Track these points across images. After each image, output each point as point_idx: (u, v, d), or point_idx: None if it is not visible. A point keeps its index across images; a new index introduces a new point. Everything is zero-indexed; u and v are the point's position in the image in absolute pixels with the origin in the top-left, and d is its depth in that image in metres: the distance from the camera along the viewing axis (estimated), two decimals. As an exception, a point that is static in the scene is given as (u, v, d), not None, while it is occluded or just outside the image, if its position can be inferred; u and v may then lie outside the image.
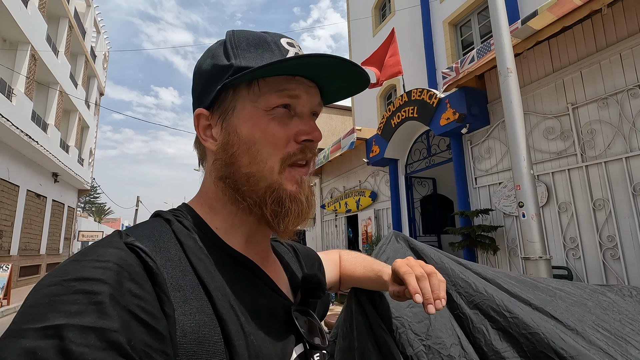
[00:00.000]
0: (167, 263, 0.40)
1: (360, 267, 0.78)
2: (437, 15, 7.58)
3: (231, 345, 0.39)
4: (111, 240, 0.39)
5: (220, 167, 0.50)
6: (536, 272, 2.75)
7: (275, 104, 0.48)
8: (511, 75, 2.99)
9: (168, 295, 0.37)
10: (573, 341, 0.61)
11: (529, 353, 0.62)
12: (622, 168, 3.31)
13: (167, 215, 0.48)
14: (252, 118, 0.48)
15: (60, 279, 0.32)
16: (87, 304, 0.31)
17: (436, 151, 5.94)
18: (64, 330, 0.29)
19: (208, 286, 0.41)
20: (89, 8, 17.34)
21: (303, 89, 0.50)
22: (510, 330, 0.67)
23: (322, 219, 10.14)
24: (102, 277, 0.33)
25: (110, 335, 0.30)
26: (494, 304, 0.72)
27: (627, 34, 3.33)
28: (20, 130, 9.49)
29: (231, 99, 0.49)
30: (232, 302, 0.43)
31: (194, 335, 0.37)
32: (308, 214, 0.50)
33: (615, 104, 3.39)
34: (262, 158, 0.47)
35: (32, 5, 10.63)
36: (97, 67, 18.99)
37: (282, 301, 0.52)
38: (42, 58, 11.45)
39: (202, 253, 0.45)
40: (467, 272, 0.83)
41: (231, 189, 0.49)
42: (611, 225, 3.37)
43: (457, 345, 0.70)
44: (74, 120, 15.84)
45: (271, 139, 0.47)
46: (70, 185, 16.53)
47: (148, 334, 0.33)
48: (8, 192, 10.33)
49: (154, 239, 0.43)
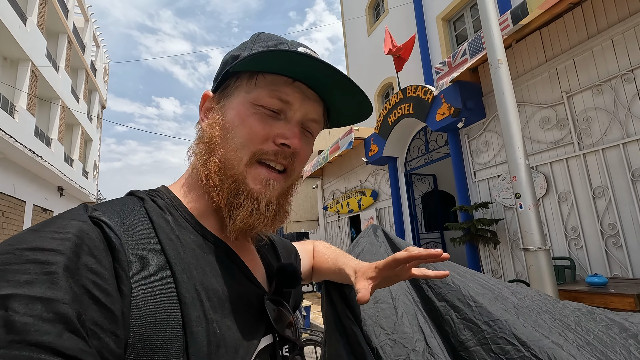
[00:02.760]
0: (134, 241, 0.39)
1: (328, 260, 0.78)
2: (430, 11, 7.57)
3: (189, 332, 0.37)
4: (75, 213, 0.37)
5: (198, 143, 0.51)
6: (536, 264, 2.71)
7: (263, 101, 0.48)
8: (502, 67, 2.97)
9: (127, 273, 0.36)
10: (531, 328, 0.60)
11: (490, 340, 0.62)
12: (620, 154, 3.27)
13: (141, 194, 0.47)
14: (238, 106, 0.49)
15: (14, 247, 0.31)
16: (39, 273, 0.29)
17: (434, 147, 5.91)
18: (9, 300, 0.27)
19: (174, 267, 0.40)
20: (88, 23, 17.58)
21: (298, 97, 0.49)
22: (474, 318, 0.66)
23: (325, 221, 10.12)
24: (59, 248, 0.31)
25: (59, 307, 0.28)
26: (460, 295, 0.72)
27: (617, 19, 3.30)
28: (24, 146, 9.62)
29: (232, 87, 0.51)
30: (198, 287, 0.41)
31: (150, 318, 0.36)
32: (264, 218, 0.48)
33: (610, 90, 3.35)
34: (234, 146, 0.47)
35: (31, 22, 10.80)
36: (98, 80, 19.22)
37: (256, 290, 0.51)
38: (43, 74, 11.61)
39: (174, 234, 0.44)
40: (437, 265, 0.83)
41: (207, 170, 0.48)
42: (612, 213, 3.32)
43: (421, 340, 0.70)
44: (77, 134, 16.03)
45: (247, 130, 0.48)
46: (76, 198, 16.71)
47: (100, 312, 0.31)
48: (15, 207, 10.47)
49: (123, 215, 0.41)
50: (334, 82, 0.49)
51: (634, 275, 3.13)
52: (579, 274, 3.53)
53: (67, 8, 14.20)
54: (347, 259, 0.73)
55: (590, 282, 2.81)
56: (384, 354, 0.68)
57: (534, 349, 0.56)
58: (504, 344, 0.59)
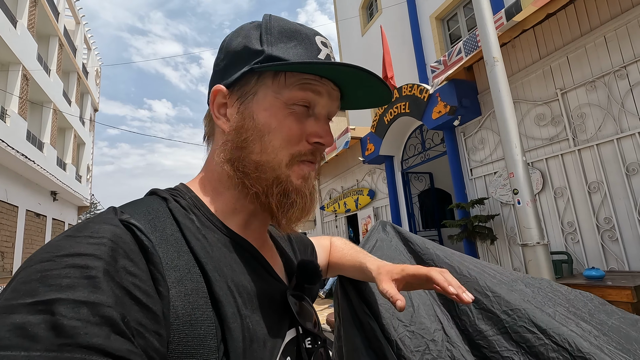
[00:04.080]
0: (163, 242, 0.39)
1: (348, 256, 0.79)
2: (423, 10, 7.61)
3: (226, 328, 0.38)
4: (106, 217, 0.38)
5: (231, 149, 0.49)
6: (535, 258, 2.75)
7: (298, 99, 0.48)
8: (498, 64, 3.01)
9: (163, 274, 0.36)
10: (549, 317, 0.62)
11: (510, 329, 0.63)
12: (614, 149, 3.32)
13: (164, 194, 0.47)
14: (271, 108, 0.48)
15: (53, 254, 0.31)
16: (80, 277, 0.30)
17: (431, 145, 5.95)
18: (55, 305, 0.28)
19: (205, 266, 0.40)
20: (79, 25, 17.39)
21: (326, 90, 0.50)
22: (493, 308, 0.68)
23: (323, 221, 10.13)
24: (96, 253, 0.32)
25: (104, 310, 0.29)
26: (477, 286, 0.73)
27: (610, 17, 3.36)
28: (16, 150, 9.50)
29: (254, 84, 0.49)
30: (230, 284, 0.42)
31: (186, 318, 0.36)
32: (311, 208, 0.50)
33: (603, 86, 3.41)
34: (273, 149, 0.47)
35: (21, 25, 10.66)
36: (90, 83, 19.02)
37: (279, 285, 0.52)
38: (34, 77, 11.47)
39: (200, 233, 0.44)
40: (451, 257, 0.84)
41: (240, 173, 0.48)
42: (607, 207, 3.38)
43: (440, 330, 0.71)
44: (69, 137, 15.85)
45: (286, 132, 0.47)
46: (70, 202, 16.51)
47: (142, 312, 0.32)
48: (7, 213, 10.32)
49: (150, 217, 0.41)
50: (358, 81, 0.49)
51: (630, 268, 3.19)
52: (576, 268, 3.58)
53: (57, 10, 14.03)
54: (367, 256, 0.74)
55: (587, 276, 2.85)
56: (404, 346, 0.69)
57: (555, 337, 0.57)
58: (524, 332, 0.61)
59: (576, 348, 0.57)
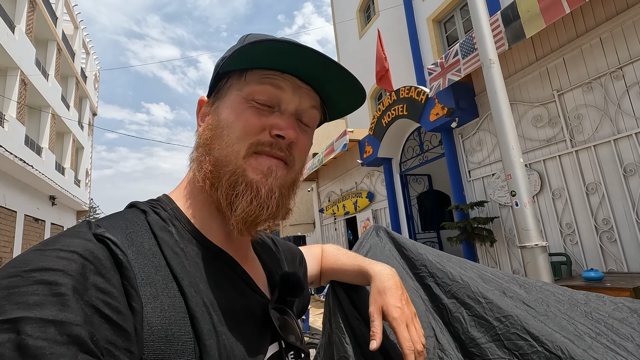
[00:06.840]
0: (139, 257, 0.39)
1: (341, 261, 0.78)
2: (420, 13, 7.64)
3: (202, 345, 0.38)
4: (79, 231, 0.37)
5: (196, 148, 0.51)
6: (533, 260, 2.74)
7: (256, 92, 0.48)
8: (494, 66, 3.01)
9: (137, 290, 0.36)
10: (542, 323, 0.61)
11: (502, 336, 0.62)
12: (611, 150, 3.32)
13: (143, 206, 0.46)
14: (232, 104, 0.49)
15: (20, 269, 0.30)
16: (48, 295, 0.29)
17: (429, 147, 5.95)
18: (21, 324, 0.27)
19: (181, 282, 0.40)
20: (77, 30, 17.43)
21: (290, 85, 0.49)
22: (485, 315, 0.67)
23: (322, 223, 10.12)
24: (65, 269, 0.31)
25: (72, 329, 0.28)
26: (469, 292, 0.72)
27: (605, 18, 3.36)
28: (14, 155, 9.49)
29: (224, 88, 0.51)
30: (206, 300, 0.41)
31: (162, 333, 0.36)
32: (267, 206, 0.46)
33: (600, 87, 3.41)
34: (230, 141, 0.47)
35: (19, 30, 10.68)
36: (89, 87, 19.04)
37: (260, 299, 0.51)
38: (32, 82, 11.48)
39: (178, 247, 0.43)
40: (443, 262, 0.83)
41: (202, 173, 0.47)
42: (605, 208, 3.37)
43: (431, 337, 0.70)
44: (68, 142, 15.85)
45: (243, 123, 0.47)
46: (68, 207, 16.49)
47: (112, 330, 0.32)
48: (6, 218, 10.30)
49: (127, 231, 0.40)
50: (325, 69, 0.48)
51: (629, 270, 3.18)
52: (574, 269, 3.57)
53: (55, 15, 14.07)
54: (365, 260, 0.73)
55: (586, 277, 2.84)
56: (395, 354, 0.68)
57: (547, 344, 0.57)
58: (517, 339, 0.60)
59: (569, 355, 0.56)
